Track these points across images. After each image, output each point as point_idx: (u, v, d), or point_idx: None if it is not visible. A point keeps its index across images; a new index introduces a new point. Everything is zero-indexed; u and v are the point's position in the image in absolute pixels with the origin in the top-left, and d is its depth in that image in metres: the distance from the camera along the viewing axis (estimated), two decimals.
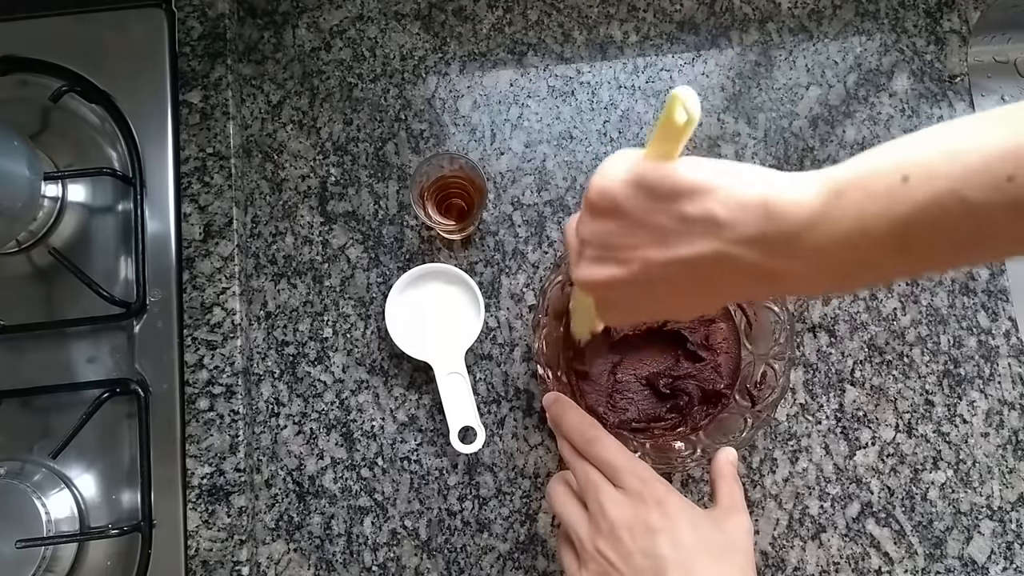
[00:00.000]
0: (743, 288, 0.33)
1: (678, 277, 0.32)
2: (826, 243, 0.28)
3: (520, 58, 0.62)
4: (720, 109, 0.61)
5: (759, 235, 0.28)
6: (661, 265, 0.32)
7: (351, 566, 0.55)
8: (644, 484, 0.39)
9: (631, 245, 0.32)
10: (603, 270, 0.34)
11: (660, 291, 0.33)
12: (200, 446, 0.55)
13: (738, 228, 0.29)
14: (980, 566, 0.54)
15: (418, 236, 0.59)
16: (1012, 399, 0.56)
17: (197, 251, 0.57)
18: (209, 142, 0.59)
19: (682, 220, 0.30)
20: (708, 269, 0.31)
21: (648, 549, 0.37)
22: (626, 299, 0.35)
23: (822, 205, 0.28)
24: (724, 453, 0.45)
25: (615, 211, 0.32)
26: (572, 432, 0.41)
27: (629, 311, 0.37)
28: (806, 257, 0.28)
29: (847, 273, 0.29)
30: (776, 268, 0.29)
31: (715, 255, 0.30)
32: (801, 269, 0.29)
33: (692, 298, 0.34)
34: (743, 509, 0.42)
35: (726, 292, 0.34)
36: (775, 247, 0.28)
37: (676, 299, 0.35)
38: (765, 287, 0.31)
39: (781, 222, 0.28)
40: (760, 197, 0.29)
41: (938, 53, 0.61)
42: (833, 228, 0.27)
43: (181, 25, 0.60)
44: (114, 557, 0.55)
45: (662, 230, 0.31)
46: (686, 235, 0.30)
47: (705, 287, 0.33)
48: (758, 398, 0.50)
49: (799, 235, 0.28)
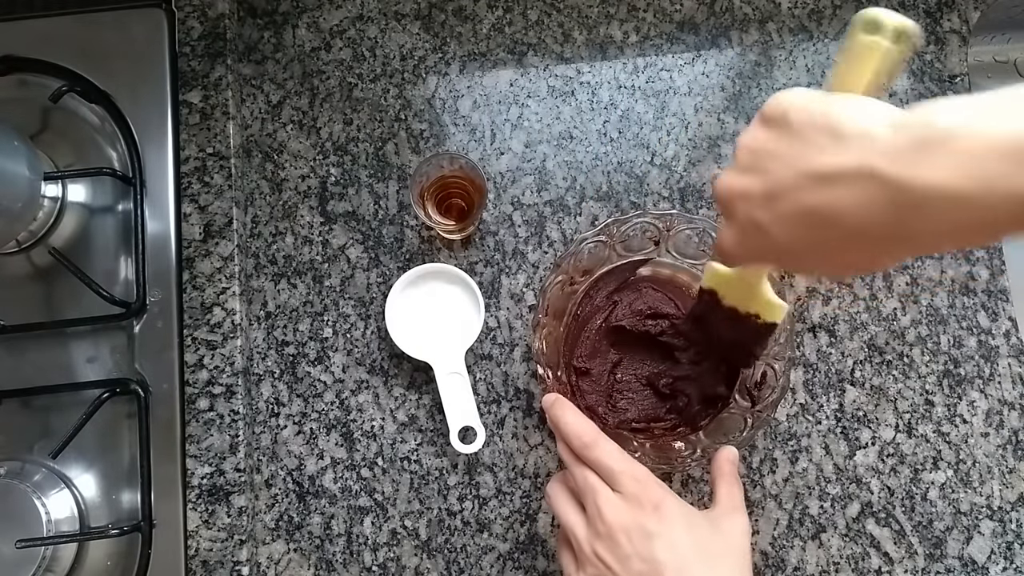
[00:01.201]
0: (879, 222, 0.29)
1: (807, 196, 0.31)
2: (977, 147, 0.26)
3: (520, 58, 0.62)
4: (720, 109, 0.61)
5: (909, 142, 0.27)
6: (796, 177, 0.31)
7: (351, 566, 0.55)
8: (642, 488, 0.39)
9: (780, 156, 0.32)
10: (742, 179, 0.34)
11: (784, 214, 0.32)
12: (200, 446, 0.55)
13: (890, 140, 0.28)
14: (980, 566, 0.54)
15: (418, 236, 0.59)
16: (1012, 399, 0.56)
17: (197, 251, 0.57)
18: (209, 142, 0.59)
19: (838, 136, 0.30)
20: (844, 188, 0.29)
21: (645, 553, 0.37)
22: (750, 216, 0.34)
23: (974, 116, 0.27)
24: (725, 452, 0.45)
25: (780, 120, 0.32)
26: (570, 435, 0.41)
27: (748, 235, 0.35)
28: (955, 162, 0.26)
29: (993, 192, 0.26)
30: (924, 181, 0.27)
31: (857, 169, 0.29)
32: (946, 178, 0.26)
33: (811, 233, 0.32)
34: (741, 510, 0.42)
35: (853, 229, 0.30)
36: (923, 151, 0.27)
37: (795, 233, 0.33)
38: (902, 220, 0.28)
39: (932, 128, 0.27)
40: (912, 114, 0.28)
41: (938, 53, 0.61)
42: (986, 134, 0.26)
43: (181, 25, 0.60)
44: (114, 557, 0.55)
45: (818, 144, 0.30)
46: (839, 150, 0.30)
47: (831, 219, 0.30)
48: (758, 398, 0.50)
49: (950, 138, 0.26)
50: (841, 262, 0.34)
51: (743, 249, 0.37)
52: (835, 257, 0.33)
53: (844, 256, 0.33)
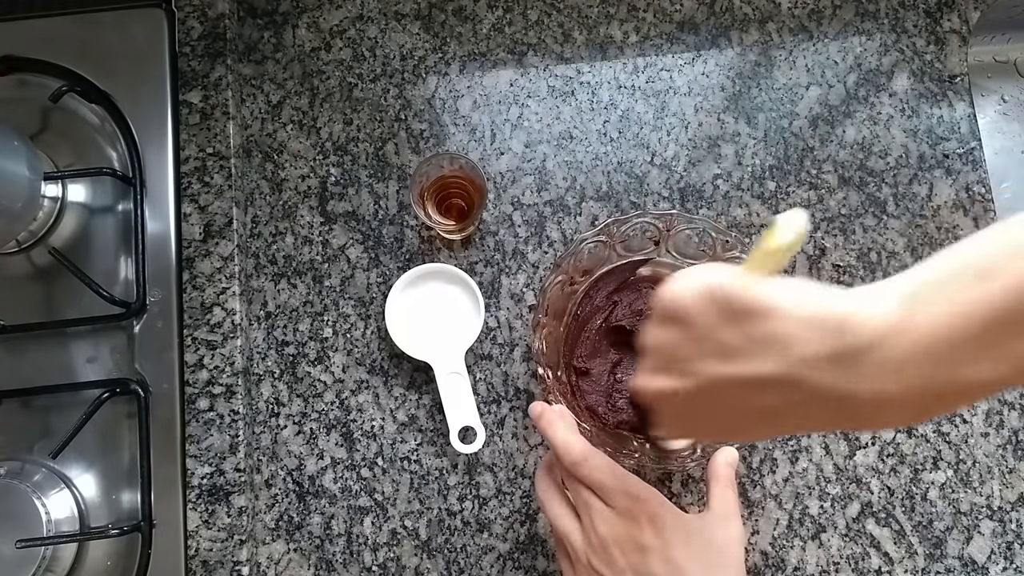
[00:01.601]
0: (815, 416, 0.29)
1: (739, 399, 0.30)
2: (904, 354, 0.25)
3: (520, 58, 0.62)
4: (720, 109, 0.61)
5: (831, 352, 0.26)
6: (723, 384, 0.30)
7: (351, 566, 0.55)
8: (635, 502, 0.38)
9: (695, 358, 0.31)
10: (664, 380, 0.33)
11: (718, 411, 0.32)
12: (200, 446, 0.55)
13: (808, 346, 0.27)
14: (980, 566, 0.54)
15: (418, 236, 0.59)
16: (1012, 399, 0.56)
17: (197, 251, 0.57)
18: (209, 142, 0.59)
19: (749, 339, 0.29)
20: (773, 394, 0.29)
21: (639, 566, 0.37)
22: (685, 413, 0.34)
23: (896, 314, 0.26)
24: (723, 454, 0.44)
25: (683, 321, 0.31)
26: (559, 453, 0.41)
27: (687, 426, 0.36)
28: (884, 374, 0.25)
29: (931, 390, 0.26)
30: (852, 390, 0.26)
31: (783, 377, 0.28)
32: (880, 387, 0.26)
33: (751, 424, 0.32)
34: (735, 515, 0.42)
35: (797, 420, 0.30)
36: (848, 364, 0.26)
37: (734, 423, 0.33)
38: (838, 417, 0.28)
39: (853, 336, 0.26)
40: (829, 313, 0.27)
41: (938, 53, 0.61)
42: (911, 338, 0.25)
43: (181, 25, 0.60)
44: (114, 557, 0.55)
45: (728, 347, 0.29)
46: (751, 354, 0.29)
47: (768, 415, 0.30)
48: None
49: (874, 348, 0.25)
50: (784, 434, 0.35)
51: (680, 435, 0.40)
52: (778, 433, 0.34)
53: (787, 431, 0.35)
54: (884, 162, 0.60)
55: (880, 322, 0.26)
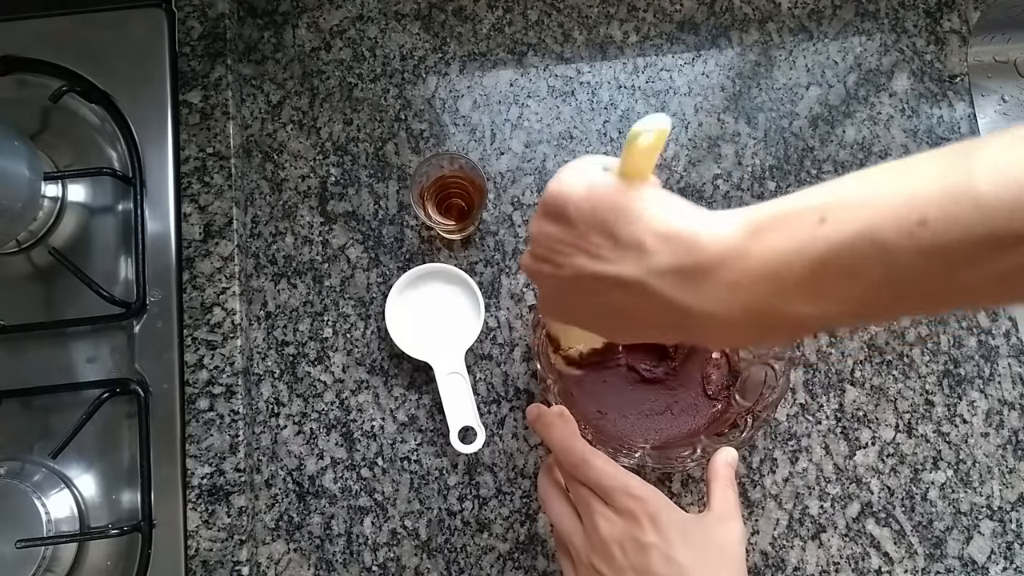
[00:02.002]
0: (659, 323, 0.32)
1: (603, 295, 0.33)
2: (740, 279, 0.27)
3: (520, 58, 0.62)
4: (720, 109, 0.61)
5: (676, 266, 0.29)
6: (590, 278, 0.32)
7: (351, 566, 0.55)
8: (635, 501, 0.38)
9: (570, 252, 0.33)
10: (537, 264, 0.35)
11: (587, 303, 0.34)
12: (200, 446, 0.55)
13: (658, 257, 0.29)
14: (980, 566, 0.54)
15: (418, 236, 0.59)
16: (1012, 399, 0.56)
17: (197, 251, 0.57)
18: (209, 142, 0.59)
19: (614, 242, 0.31)
20: (630, 295, 0.31)
21: (640, 566, 0.37)
22: (557, 297, 0.37)
23: (739, 240, 0.28)
24: (723, 454, 0.44)
25: (562, 217, 0.33)
26: (559, 454, 0.41)
27: (560, 309, 0.38)
28: (719, 294, 0.28)
29: (760, 317, 0.28)
30: (688, 303, 0.29)
31: (635, 282, 0.30)
32: (712, 307, 0.28)
33: (614, 321, 0.35)
34: (736, 515, 0.42)
35: (644, 324, 0.33)
36: (689, 279, 0.28)
37: (600, 316, 0.35)
38: (679, 327, 0.31)
39: (697, 254, 0.28)
40: (681, 229, 0.29)
41: (938, 53, 0.61)
42: (748, 264, 0.27)
43: (181, 25, 0.60)
44: (114, 557, 0.55)
45: (596, 246, 0.32)
46: (615, 257, 0.31)
47: (627, 315, 0.33)
48: (755, 407, 0.50)
49: (714, 268, 0.28)
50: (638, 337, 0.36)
51: (556, 316, 0.41)
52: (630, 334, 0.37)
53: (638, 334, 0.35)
54: (884, 162, 0.60)
55: (722, 246, 0.28)
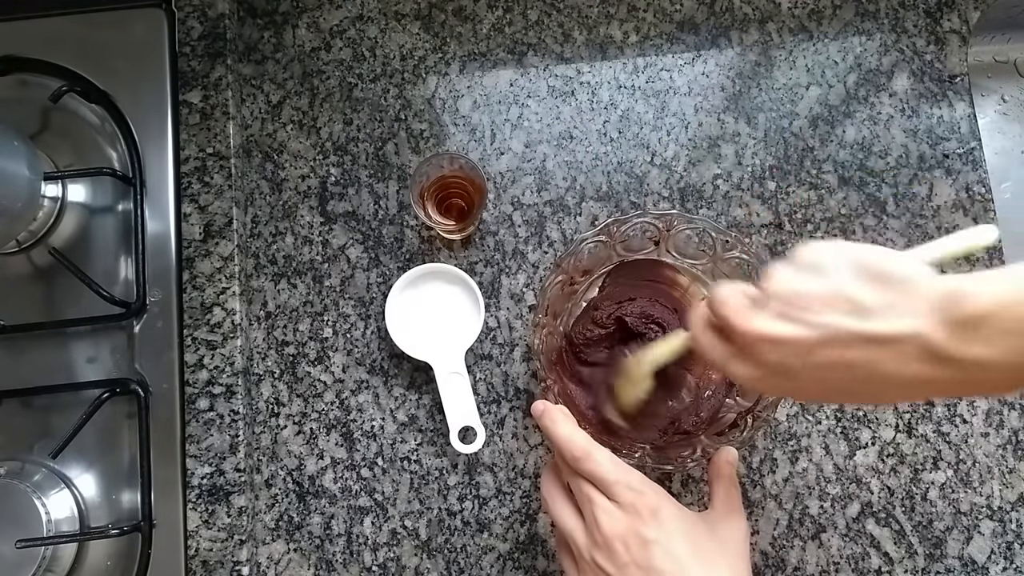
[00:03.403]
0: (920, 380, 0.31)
1: (853, 355, 0.32)
2: (1011, 325, 0.28)
3: (520, 58, 0.62)
4: (720, 109, 0.61)
5: (956, 317, 0.29)
6: (847, 339, 0.31)
7: (351, 566, 0.55)
8: (638, 496, 0.38)
9: (825, 311, 0.32)
10: (784, 327, 0.33)
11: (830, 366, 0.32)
12: (200, 446, 0.55)
13: (934, 313, 0.30)
14: (980, 566, 0.54)
15: (418, 236, 0.59)
16: (1012, 399, 0.56)
17: (197, 251, 0.57)
18: (209, 142, 0.59)
19: (884, 299, 0.31)
20: (892, 352, 0.31)
21: (643, 560, 0.37)
22: (781, 362, 0.34)
23: (1005, 290, 0.29)
24: (723, 453, 0.45)
25: (820, 271, 0.33)
26: (561, 449, 0.41)
27: (773, 375, 0.35)
28: (991, 341, 0.29)
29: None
30: (962, 354, 0.29)
31: (904, 336, 0.30)
32: (986, 354, 0.29)
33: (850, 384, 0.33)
34: (739, 512, 0.42)
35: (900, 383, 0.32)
36: (965, 329, 0.29)
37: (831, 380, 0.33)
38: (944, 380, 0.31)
39: (975, 306, 0.29)
40: (960, 287, 0.30)
41: (938, 53, 0.61)
42: (1018, 312, 0.28)
43: (181, 25, 0.60)
44: (114, 557, 0.55)
45: (860, 302, 0.31)
46: (884, 315, 0.31)
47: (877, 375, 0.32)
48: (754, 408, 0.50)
49: (989, 318, 0.29)
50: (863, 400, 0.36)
51: (764, 387, 0.37)
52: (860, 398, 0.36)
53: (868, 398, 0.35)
54: (884, 162, 0.60)
55: (992, 298, 0.29)
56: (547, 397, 0.49)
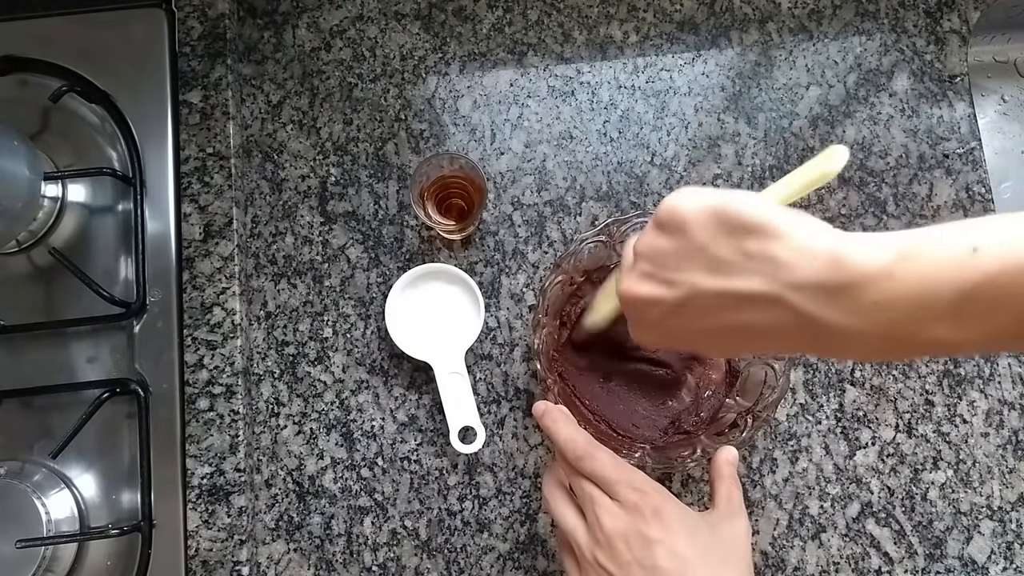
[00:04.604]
0: (784, 339, 0.31)
1: (720, 313, 0.31)
2: (883, 299, 0.27)
3: (520, 58, 0.62)
4: (720, 109, 0.61)
5: (819, 282, 0.28)
6: (708, 295, 0.31)
7: (351, 566, 0.55)
8: (639, 495, 0.38)
9: (684, 268, 0.32)
10: (649, 287, 0.34)
11: (698, 323, 0.33)
12: (200, 446, 0.55)
13: (798, 271, 0.29)
14: (980, 566, 0.54)
15: (418, 236, 0.59)
16: (1012, 399, 0.56)
17: (197, 251, 0.57)
18: (209, 142, 0.59)
19: (744, 255, 0.30)
20: (755, 311, 0.30)
21: (645, 560, 0.37)
22: (662, 322, 0.35)
23: (885, 261, 0.27)
24: (724, 453, 0.45)
25: (679, 230, 0.32)
26: (563, 448, 0.41)
27: (662, 335, 0.36)
28: (862, 312, 0.28)
29: (897, 338, 0.28)
30: (828, 320, 0.28)
31: (767, 296, 0.29)
32: (853, 324, 0.28)
33: (727, 339, 0.33)
34: (741, 512, 0.42)
35: (764, 341, 0.32)
36: (832, 296, 0.28)
37: (710, 336, 0.33)
38: (809, 342, 0.30)
39: (845, 272, 0.28)
40: (829, 248, 0.28)
41: (938, 53, 0.61)
42: (893, 285, 0.27)
43: (181, 25, 0.60)
44: (114, 557, 0.55)
45: (720, 261, 0.31)
46: (743, 270, 0.30)
47: (744, 331, 0.32)
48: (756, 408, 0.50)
49: (860, 287, 0.27)
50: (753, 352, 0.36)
51: (655, 342, 0.38)
52: (749, 351, 0.37)
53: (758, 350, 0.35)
54: (884, 162, 0.60)
55: (869, 266, 0.27)
56: (547, 397, 0.49)
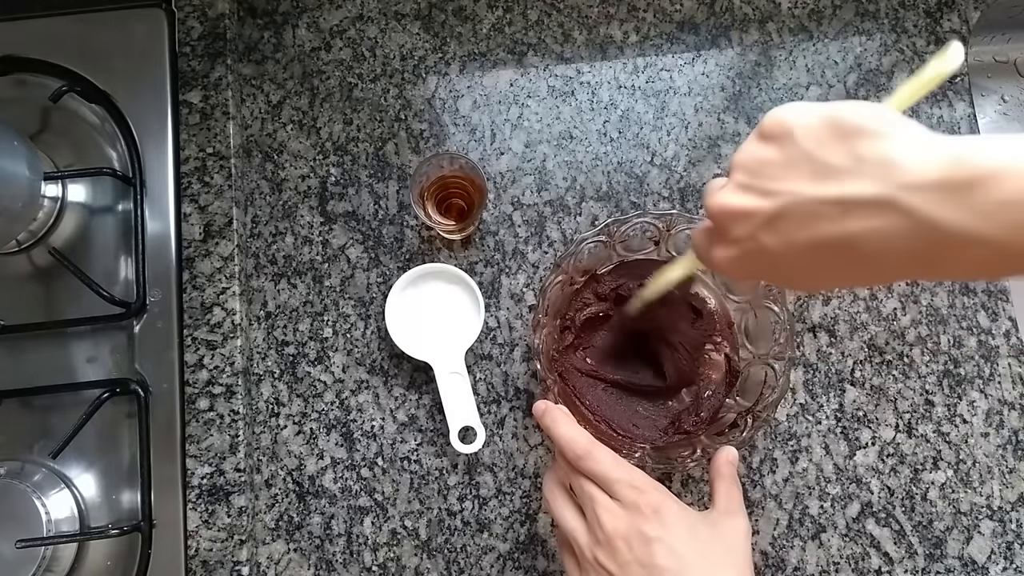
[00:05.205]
0: (891, 253, 0.28)
1: (821, 223, 0.28)
2: (1013, 198, 0.25)
3: (520, 58, 0.62)
4: (720, 109, 0.61)
5: (941, 180, 0.26)
6: (811, 203, 0.28)
7: (351, 566, 0.55)
8: (639, 494, 0.38)
9: (787, 177, 0.29)
10: (744, 198, 0.31)
11: (792, 236, 0.30)
12: (200, 446, 0.55)
13: (919, 170, 0.26)
14: (980, 566, 0.54)
15: (418, 236, 0.59)
16: (1012, 399, 0.56)
17: (197, 251, 0.57)
18: (209, 142, 0.59)
19: (856, 158, 0.27)
20: (863, 218, 0.27)
21: (645, 558, 0.37)
22: (751, 237, 0.31)
23: (1015, 159, 0.25)
24: (724, 453, 0.45)
25: (785, 138, 0.30)
26: (563, 447, 0.41)
27: (746, 255, 0.33)
28: (988, 212, 0.25)
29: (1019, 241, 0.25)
30: (948, 222, 0.26)
31: (879, 199, 0.27)
32: (976, 227, 0.25)
33: (821, 258, 0.30)
34: (741, 511, 0.42)
35: (866, 258, 0.28)
36: (956, 195, 0.25)
37: (803, 255, 0.30)
38: (919, 254, 0.27)
39: (969, 169, 0.25)
40: (951, 146, 0.26)
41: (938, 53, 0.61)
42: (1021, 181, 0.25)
43: (181, 25, 0.60)
44: (114, 557, 0.55)
45: (829, 166, 0.28)
46: (854, 174, 0.27)
47: (845, 246, 0.28)
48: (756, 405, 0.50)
49: (986, 184, 0.25)
50: (847, 281, 0.32)
51: (741, 269, 0.34)
52: (842, 278, 0.32)
53: (852, 277, 0.31)
54: None
55: (995, 162, 0.25)
56: (547, 397, 0.49)
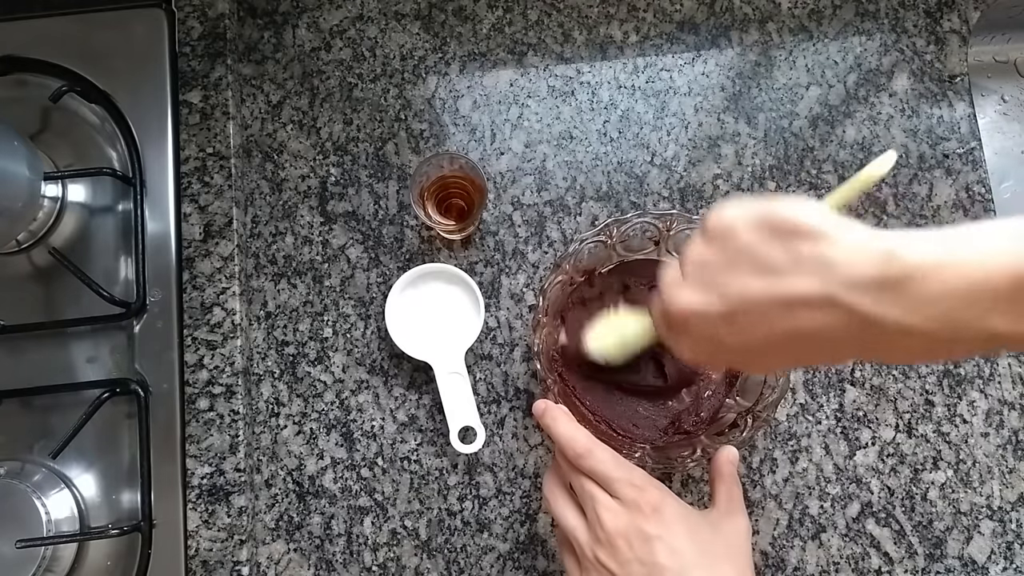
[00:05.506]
0: (836, 344, 0.30)
1: (772, 320, 0.30)
2: (938, 290, 0.26)
3: (520, 58, 0.62)
4: (720, 109, 0.61)
5: (874, 277, 0.27)
6: (760, 301, 0.30)
7: (351, 566, 0.55)
8: (640, 492, 0.38)
9: (733, 275, 0.31)
10: (696, 297, 0.33)
11: (747, 333, 0.32)
12: (200, 446, 0.55)
13: (853, 269, 0.28)
14: (980, 566, 0.54)
15: (418, 236, 0.59)
16: (1012, 399, 0.56)
17: (197, 251, 0.57)
18: (209, 142, 0.59)
19: (795, 257, 0.29)
20: (807, 314, 0.29)
21: (645, 557, 0.37)
22: (710, 335, 0.33)
23: (943, 254, 0.27)
24: (724, 452, 0.45)
25: (727, 238, 0.31)
26: (563, 446, 0.41)
27: (708, 349, 0.35)
28: (919, 306, 0.27)
29: (954, 331, 0.27)
30: (883, 317, 0.27)
31: (820, 297, 0.28)
32: (909, 320, 0.27)
33: (777, 349, 0.32)
34: (741, 511, 0.42)
35: (815, 348, 0.31)
36: (888, 291, 0.27)
37: (760, 348, 0.32)
38: (861, 344, 0.29)
39: (900, 266, 0.27)
40: (882, 245, 0.28)
41: (938, 53, 0.61)
42: (945, 275, 0.26)
43: (181, 25, 0.60)
44: (114, 557, 0.55)
45: (771, 265, 0.30)
46: (795, 272, 0.29)
47: (796, 339, 0.30)
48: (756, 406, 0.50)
49: (916, 280, 0.27)
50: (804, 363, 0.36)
51: (702, 359, 0.37)
52: (798, 362, 0.36)
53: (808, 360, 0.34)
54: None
55: (925, 258, 0.27)
56: (547, 397, 0.49)
